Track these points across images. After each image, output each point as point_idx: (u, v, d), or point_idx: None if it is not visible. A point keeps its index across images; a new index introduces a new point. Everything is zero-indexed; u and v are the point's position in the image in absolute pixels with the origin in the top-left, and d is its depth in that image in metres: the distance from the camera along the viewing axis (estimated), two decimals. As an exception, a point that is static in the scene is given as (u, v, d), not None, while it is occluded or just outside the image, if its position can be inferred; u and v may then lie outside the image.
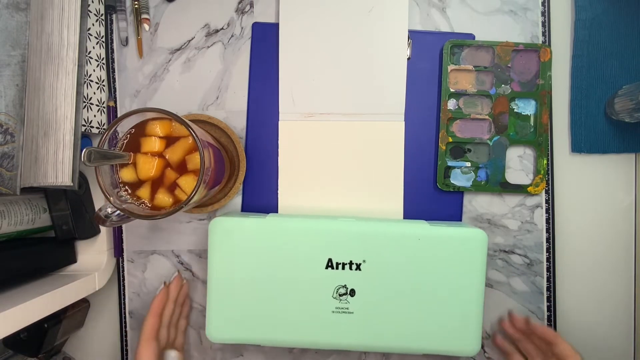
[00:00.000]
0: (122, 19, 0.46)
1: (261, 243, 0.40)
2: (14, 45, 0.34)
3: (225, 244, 0.40)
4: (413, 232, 0.40)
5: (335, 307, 0.40)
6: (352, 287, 0.40)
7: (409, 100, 0.45)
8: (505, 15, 0.45)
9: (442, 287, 0.40)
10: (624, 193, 0.46)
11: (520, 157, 0.45)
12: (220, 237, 0.40)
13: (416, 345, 0.40)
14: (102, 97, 0.45)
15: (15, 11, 0.34)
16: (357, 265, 0.40)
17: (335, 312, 0.40)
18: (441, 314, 0.40)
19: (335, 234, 0.40)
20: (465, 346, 0.40)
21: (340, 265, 0.40)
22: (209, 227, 0.40)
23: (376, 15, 0.44)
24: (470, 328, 0.40)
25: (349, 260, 0.40)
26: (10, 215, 0.39)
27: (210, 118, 0.45)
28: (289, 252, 0.40)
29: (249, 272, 0.40)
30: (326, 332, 0.40)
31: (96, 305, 0.49)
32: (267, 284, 0.40)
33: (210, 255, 0.40)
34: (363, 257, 0.40)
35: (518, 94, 0.44)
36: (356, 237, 0.40)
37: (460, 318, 0.40)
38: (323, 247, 0.40)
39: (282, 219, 0.41)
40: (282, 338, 0.41)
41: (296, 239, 0.40)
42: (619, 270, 0.46)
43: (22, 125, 0.35)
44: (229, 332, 0.41)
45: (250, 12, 0.46)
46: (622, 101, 0.41)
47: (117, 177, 0.36)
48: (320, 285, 0.40)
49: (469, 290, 0.40)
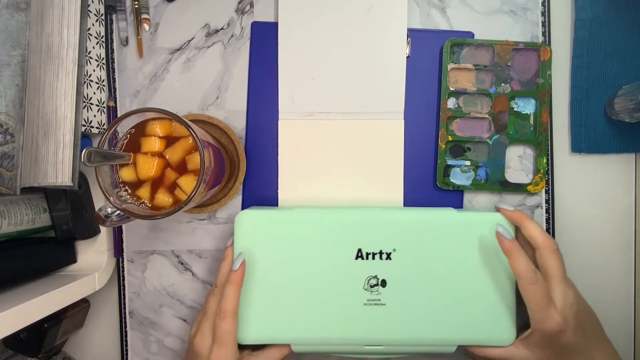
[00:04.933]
0: (122, 19, 0.46)
1: (288, 235, 0.39)
2: (14, 45, 0.34)
3: (251, 237, 0.39)
4: (442, 219, 0.39)
5: (367, 300, 0.39)
6: (383, 278, 0.39)
7: (409, 99, 0.45)
8: (505, 15, 0.45)
9: (474, 275, 0.39)
10: (624, 193, 0.46)
11: (520, 156, 0.45)
12: (247, 230, 0.39)
13: (450, 337, 0.39)
14: (102, 97, 0.45)
15: (15, 11, 0.34)
16: (387, 255, 0.39)
17: (367, 305, 0.39)
18: (475, 302, 0.39)
19: (364, 224, 0.39)
20: (500, 335, 0.39)
21: (370, 255, 0.39)
22: (235, 221, 0.39)
23: (375, 14, 0.44)
24: (504, 317, 0.39)
25: (379, 250, 0.39)
26: (10, 215, 0.39)
27: (210, 118, 0.45)
28: (318, 244, 0.39)
29: (276, 266, 0.39)
30: (359, 327, 0.39)
31: (96, 305, 0.49)
32: (296, 278, 0.39)
33: (236, 250, 0.39)
34: (393, 246, 0.39)
35: (518, 92, 0.44)
36: (385, 225, 0.39)
37: (495, 306, 0.39)
38: (352, 237, 0.39)
39: (310, 210, 0.40)
40: (312, 336, 0.39)
41: (324, 230, 0.39)
42: (619, 270, 0.46)
43: (22, 125, 0.35)
44: (258, 332, 0.39)
45: (250, 12, 0.46)
46: (622, 101, 0.41)
47: (117, 177, 0.36)
48: (351, 277, 0.39)
49: (502, 277, 0.39)
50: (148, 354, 0.48)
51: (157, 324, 0.48)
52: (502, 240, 0.37)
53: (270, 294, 0.39)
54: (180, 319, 0.48)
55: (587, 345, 0.37)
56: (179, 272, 0.47)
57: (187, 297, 0.47)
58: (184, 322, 0.48)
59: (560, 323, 0.35)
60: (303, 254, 0.39)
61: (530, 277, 0.36)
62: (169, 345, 0.48)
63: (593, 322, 0.38)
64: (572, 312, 0.36)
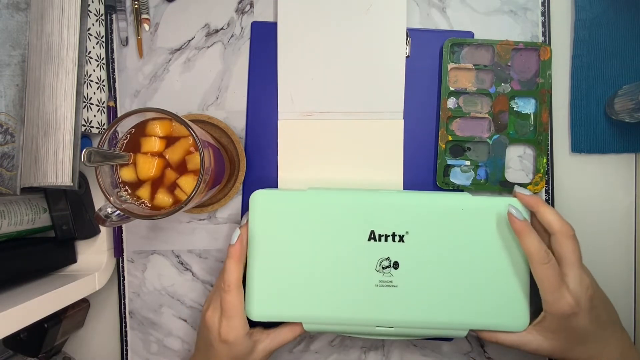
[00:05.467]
0: (122, 19, 0.46)
1: (302, 216, 0.39)
2: (14, 45, 0.34)
3: (265, 216, 0.39)
4: (456, 203, 0.39)
5: (379, 281, 0.39)
6: (395, 260, 0.39)
7: (408, 99, 0.45)
8: (505, 15, 0.45)
9: (488, 259, 0.38)
10: (624, 193, 0.46)
11: (520, 156, 0.45)
12: (261, 210, 0.39)
13: (462, 320, 0.39)
14: (102, 97, 0.45)
15: (15, 11, 0.34)
16: (400, 237, 0.39)
17: (379, 286, 0.39)
18: (488, 287, 0.38)
19: (377, 205, 0.39)
20: (514, 321, 0.38)
21: (383, 237, 0.39)
22: (250, 201, 0.40)
23: (374, 13, 0.44)
24: (518, 302, 0.38)
25: (392, 232, 0.39)
26: (10, 215, 0.39)
27: (210, 118, 0.45)
28: (331, 225, 0.39)
29: (290, 246, 0.39)
30: (370, 307, 0.39)
31: (96, 305, 0.49)
32: (309, 258, 0.39)
33: (251, 229, 0.40)
34: (406, 228, 0.39)
35: (518, 92, 0.44)
36: (399, 208, 0.39)
37: (508, 291, 0.38)
38: (365, 219, 0.39)
39: (324, 191, 0.40)
40: (323, 314, 0.39)
41: (338, 210, 0.39)
42: (619, 270, 0.46)
43: (22, 125, 0.35)
44: (269, 309, 0.39)
45: (250, 12, 0.46)
46: (622, 101, 0.41)
47: (117, 177, 0.36)
48: (363, 258, 0.39)
49: (516, 262, 0.38)
50: (148, 354, 0.48)
51: (157, 324, 0.48)
52: (514, 220, 0.37)
53: (283, 273, 0.39)
54: (180, 319, 0.48)
55: (601, 334, 0.36)
56: (179, 272, 0.47)
57: (187, 297, 0.47)
58: (184, 322, 0.48)
59: (573, 305, 0.34)
60: (316, 233, 0.39)
61: (542, 257, 0.35)
62: (169, 345, 0.48)
63: (609, 310, 0.37)
64: (586, 296, 0.35)
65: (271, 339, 0.39)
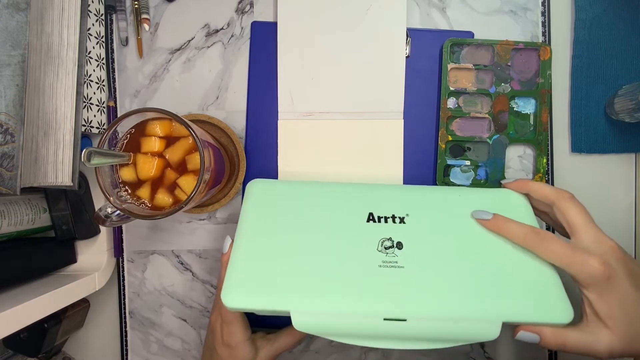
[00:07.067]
0: (122, 19, 0.46)
1: (297, 204, 0.38)
2: (14, 45, 0.34)
3: (260, 206, 0.38)
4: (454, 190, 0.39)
5: (382, 261, 0.34)
6: (398, 240, 0.35)
7: (408, 99, 0.45)
8: (505, 15, 0.45)
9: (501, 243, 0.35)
10: (624, 193, 0.46)
11: (520, 156, 0.45)
12: (256, 199, 0.39)
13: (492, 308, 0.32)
14: (102, 97, 0.45)
15: (15, 11, 0.34)
16: (400, 219, 0.36)
17: (383, 267, 0.34)
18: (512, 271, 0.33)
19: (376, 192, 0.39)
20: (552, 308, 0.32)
21: (383, 218, 0.36)
22: (246, 189, 0.40)
23: (374, 14, 0.44)
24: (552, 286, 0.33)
25: (392, 214, 0.36)
26: (10, 215, 0.39)
27: (210, 118, 0.45)
28: (327, 211, 0.37)
29: (285, 234, 0.36)
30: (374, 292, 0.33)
31: (96, 305, 0.49)
32: (304, 243, 0.35)
33: (242, 217, 0.37)
34: (406, 211, 0.37)
35: (518, 92, 0.44)
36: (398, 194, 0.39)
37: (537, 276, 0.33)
38: (364, 203, 0.37)
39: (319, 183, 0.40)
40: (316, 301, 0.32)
41: (334, 198, 0.38)
42: (619, 270, 0.46)
43: (22, 125, 0.35)
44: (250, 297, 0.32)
45: (250, 12, 0.46)
46: (622, 101, 0.41)
47: (117, 177, 0.36)
48: (363, 239, 0.35)
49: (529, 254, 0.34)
50: (148, 354, 0.48)
51: (157, 324, 0.48)
52: (483, 222, 0.35)
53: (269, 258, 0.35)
54: (180, 319, 0.48)
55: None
56: (179, 272, 0.47)
57: (187, 297, 0.47)
58: (184, 322, 0.48)
59: (599, 265, 0.29)
60: (312, 220, 0.37)
61: (533, 238, 0.32)
62: (169, 345, 0.48)
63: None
64: (615, 257, 0.30)
65: (271, 344, 0.40)
